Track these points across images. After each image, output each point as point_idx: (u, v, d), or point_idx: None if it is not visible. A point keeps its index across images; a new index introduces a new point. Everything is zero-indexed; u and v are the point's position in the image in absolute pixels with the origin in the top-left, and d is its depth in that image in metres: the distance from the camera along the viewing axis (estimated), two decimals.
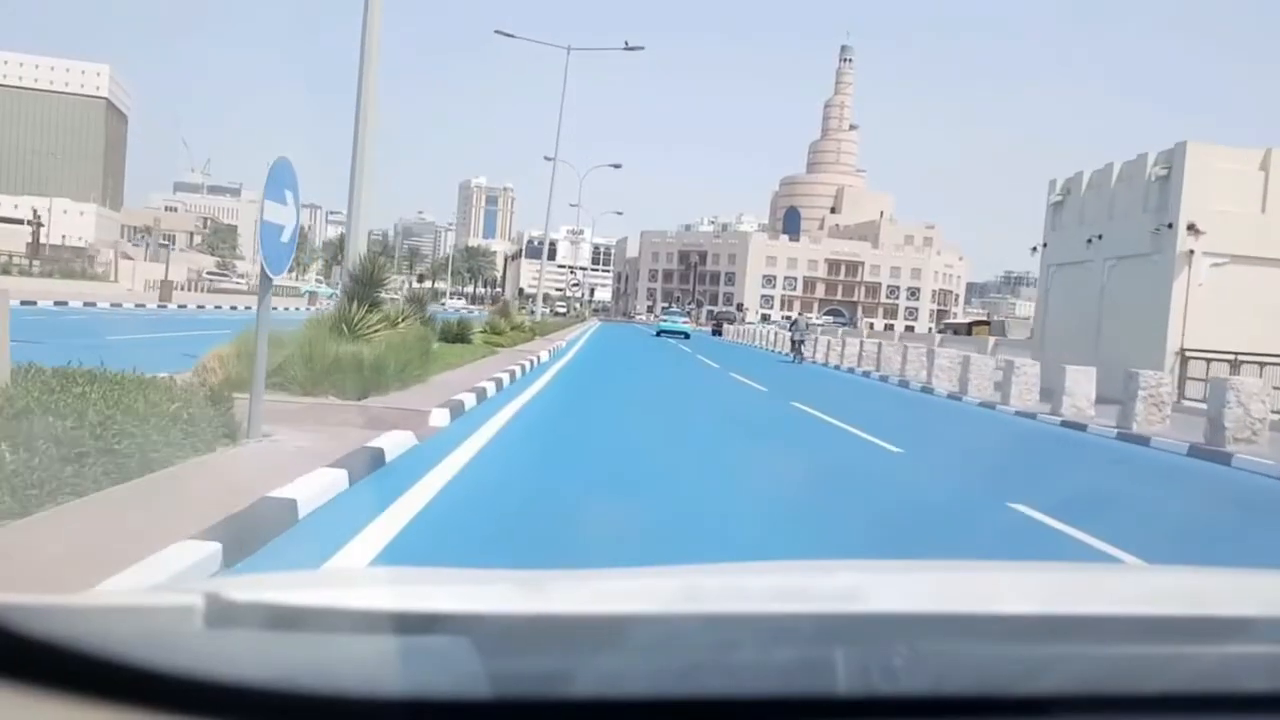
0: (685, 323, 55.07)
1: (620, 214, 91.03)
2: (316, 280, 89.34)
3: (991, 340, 34.06)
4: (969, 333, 45.75)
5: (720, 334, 62.00)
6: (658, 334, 50.21)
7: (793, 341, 33.09)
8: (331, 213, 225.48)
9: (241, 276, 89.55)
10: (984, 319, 63.13)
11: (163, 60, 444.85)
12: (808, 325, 35.78)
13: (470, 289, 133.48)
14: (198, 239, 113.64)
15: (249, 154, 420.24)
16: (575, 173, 51.84)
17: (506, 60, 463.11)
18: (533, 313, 42.34)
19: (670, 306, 64.78)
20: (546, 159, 40.55)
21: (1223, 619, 0.99)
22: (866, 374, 27.33)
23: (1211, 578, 1.40)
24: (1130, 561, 5.33)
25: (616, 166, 47.77)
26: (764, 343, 45.06)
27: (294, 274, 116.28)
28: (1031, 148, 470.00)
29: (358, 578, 1.63)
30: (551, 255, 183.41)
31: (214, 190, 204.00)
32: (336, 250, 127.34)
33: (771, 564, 1.24)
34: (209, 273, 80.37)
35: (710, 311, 69.67)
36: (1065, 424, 15.29)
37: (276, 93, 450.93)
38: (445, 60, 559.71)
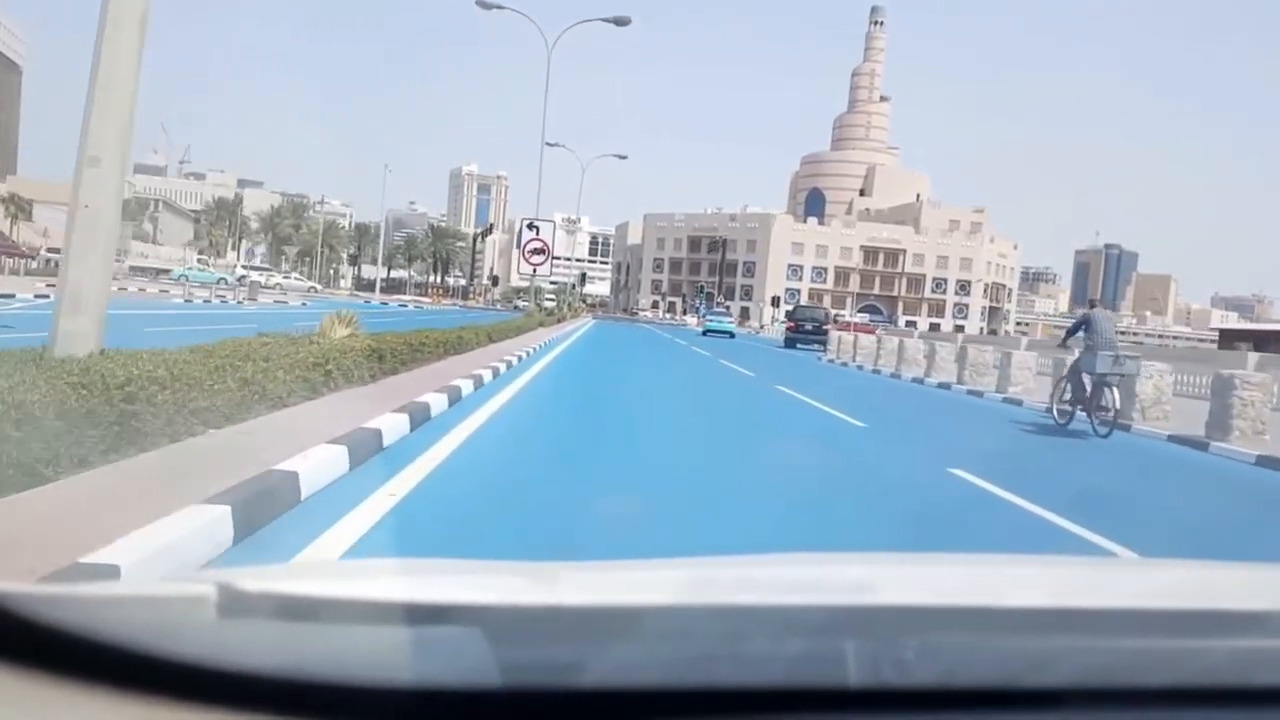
0: (730, 322, 53.47)
1: (624, 158, 72.22)
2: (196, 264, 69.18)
3: None
4: None
5: (809, 344, 36.68)
6: (704, 333, 48.53)
7: (1084, 379, 11.95)
8: (317, 203, 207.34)
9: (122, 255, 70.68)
10: None
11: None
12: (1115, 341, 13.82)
13: (436, 278, 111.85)
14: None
15: (235, 142, 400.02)
16: (578, 161, 47.72)
17: (501, 43, 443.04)
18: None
19: (717, 306, 62.85)
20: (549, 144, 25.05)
21: (1233, 613, 0.98)
22: None
23: (1221, 572, 1.39)
24: None
25: (622, 157, 32.18)
26: (933, 369, 23.26)
27: (207, 255, 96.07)
28: (1045, 137, 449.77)
29: (369, 569, 1.54)
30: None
31: (188, 176, 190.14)
32: (271, 226, 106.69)
33: (783, 556, 1.18)
34: (48, 249, 64.60)
35: (799, 308, 46.56)
36: None
37: (273, 86, 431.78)
38: (437, 46, 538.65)
